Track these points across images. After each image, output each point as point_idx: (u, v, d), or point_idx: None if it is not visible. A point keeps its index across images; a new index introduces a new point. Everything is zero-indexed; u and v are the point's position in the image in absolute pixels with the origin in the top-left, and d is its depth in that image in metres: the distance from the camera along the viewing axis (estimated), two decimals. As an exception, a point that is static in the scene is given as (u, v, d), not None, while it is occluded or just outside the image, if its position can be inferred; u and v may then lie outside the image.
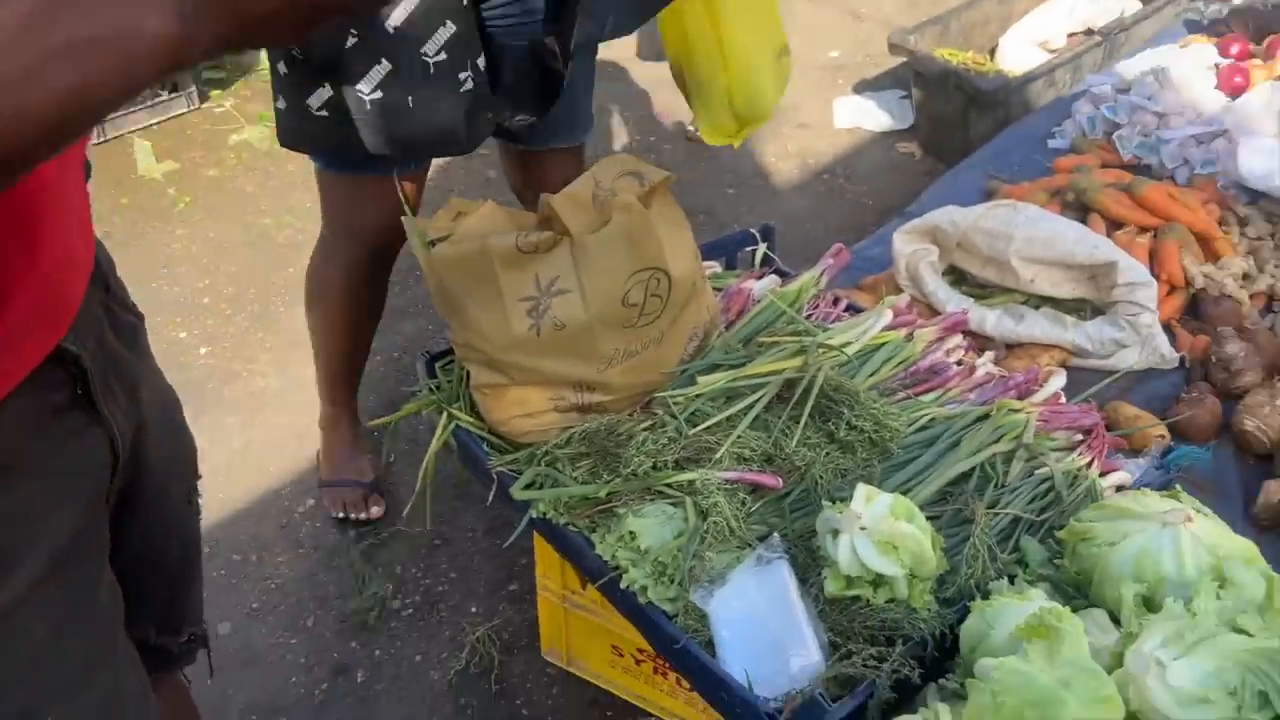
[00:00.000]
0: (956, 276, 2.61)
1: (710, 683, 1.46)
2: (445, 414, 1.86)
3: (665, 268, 1.72)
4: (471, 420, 1.86)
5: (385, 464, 2.56)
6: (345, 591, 2.25)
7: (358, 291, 2.26)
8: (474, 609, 2.20)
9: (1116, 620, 1.31)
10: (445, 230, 1.75)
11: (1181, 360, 2.39)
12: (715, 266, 2.34)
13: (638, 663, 1.89)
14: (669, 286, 1.74)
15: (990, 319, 2.41)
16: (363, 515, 2.42)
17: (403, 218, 1.74)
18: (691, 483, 1.64)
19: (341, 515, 2.43)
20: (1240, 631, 1.21)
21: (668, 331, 1.80)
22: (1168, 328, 2.44)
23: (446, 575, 2.28)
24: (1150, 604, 1.30)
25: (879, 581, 1.44)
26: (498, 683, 2.03)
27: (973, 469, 1.66)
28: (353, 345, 2.38)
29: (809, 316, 2.08)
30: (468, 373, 1.81)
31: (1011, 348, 2.41)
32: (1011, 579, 1.46)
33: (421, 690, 2.04)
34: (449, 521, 2.40)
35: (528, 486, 1.73)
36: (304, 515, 2.47)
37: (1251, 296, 2.48)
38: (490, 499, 1.76)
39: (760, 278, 2.23)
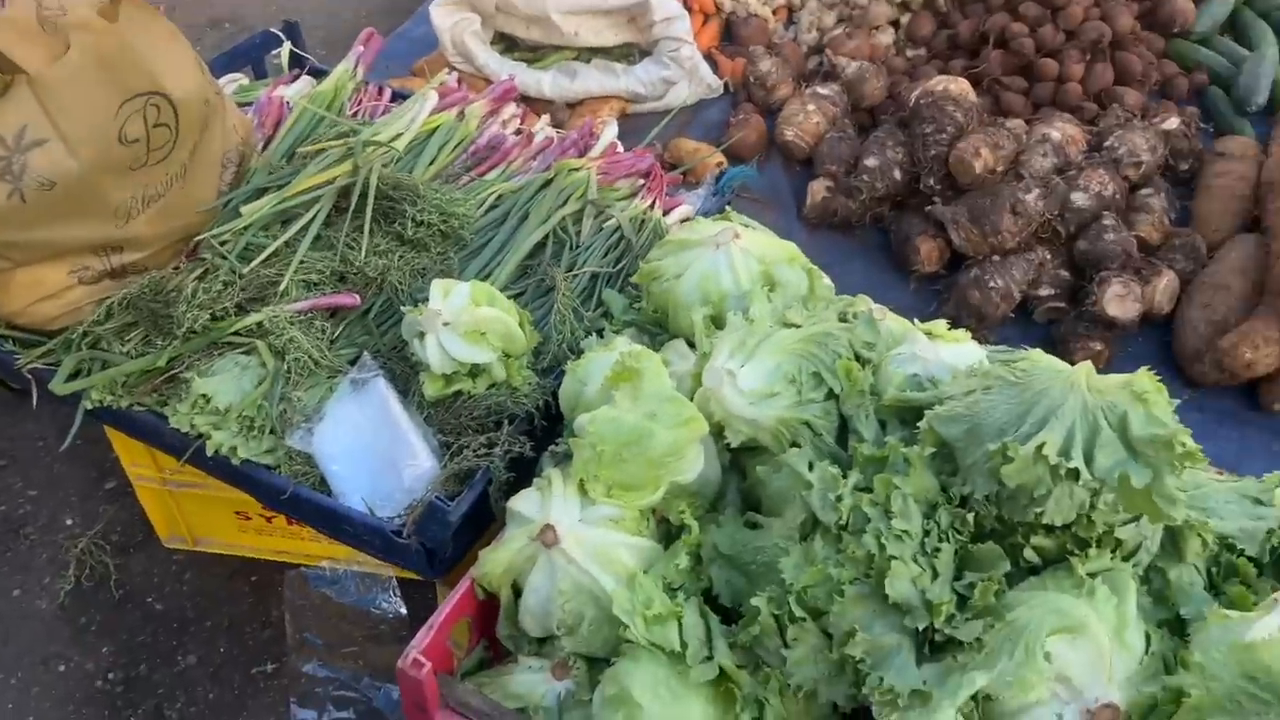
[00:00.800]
0: (508, 44, 2.53)
1: (330, 520, 1.40)
2: (-60, 320, 1.55)
3: (162, 90, 1.47)
4: (-22, 319, 1.56)
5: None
6: (-102, 551, 1.91)
7: None
8: (69, 521, 1.95)
9: (694, 345, 1.38)
10: None
11: (726, 86, 2.51)
12: (240, 79, 2.08)
13: (269, 520, 1.78)
14: (174, 112, 1.50)
15: (546, 81, 2.37)
16: None
17: None
18: (259, 325, 1.49)
19: None
20: (790, 325, 1.32)
21: (190, 164, 1.58)
22: (709, 57, 2.54)
23: (24, 494, 1.99)
24: (719, 322, 1.38)
25: (475, 371, 1.42)
26: (120, 588, 1.85)
27: (546, 237, 1.66)
28: None
29: (355, 114, 1.92)
30: (-49, 265, 1.49)
31: (573, 106, 2.40)
32: (600, 333, 1.50)
33: (31, 624, 1.81)
34: (9, 436, 2.07)
35: (72, 376, 1.50)
36: None
37: (775, 12, 2.63)
38: (35, 402, 1.51)
39: (293, 81, 2.01)
